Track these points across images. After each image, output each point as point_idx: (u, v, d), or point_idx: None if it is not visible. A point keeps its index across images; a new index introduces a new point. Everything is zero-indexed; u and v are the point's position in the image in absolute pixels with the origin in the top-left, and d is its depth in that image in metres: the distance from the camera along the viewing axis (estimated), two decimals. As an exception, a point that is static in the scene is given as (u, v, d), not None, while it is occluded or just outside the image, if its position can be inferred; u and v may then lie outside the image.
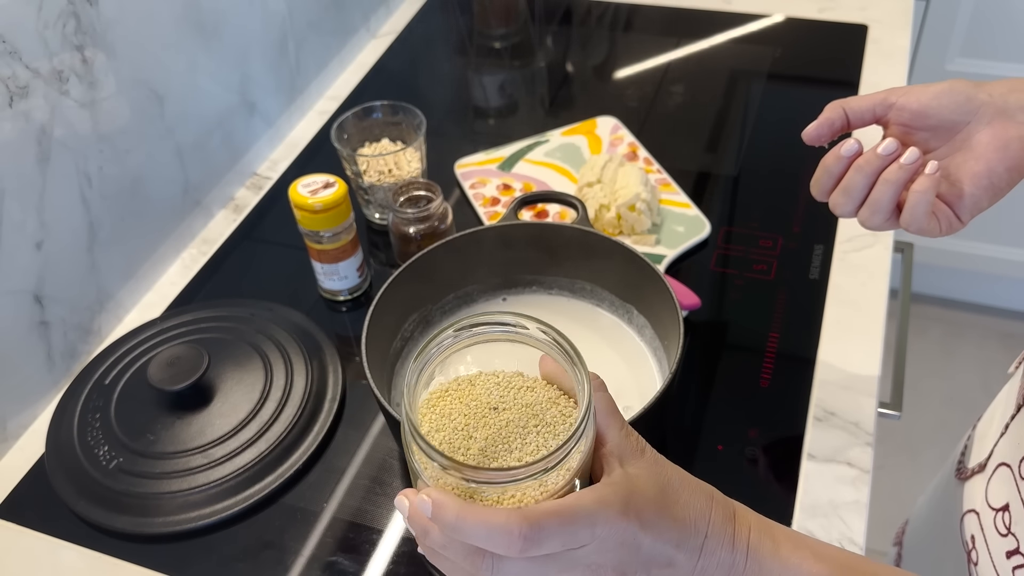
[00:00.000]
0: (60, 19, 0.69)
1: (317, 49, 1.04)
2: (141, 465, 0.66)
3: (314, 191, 0.73)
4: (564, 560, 0.37)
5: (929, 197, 0.52)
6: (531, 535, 0.35)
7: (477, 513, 0.36)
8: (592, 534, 0.36)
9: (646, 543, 0.37)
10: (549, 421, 0.41)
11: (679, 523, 0.39)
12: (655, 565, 0.38)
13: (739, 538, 0.40)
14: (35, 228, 0.70)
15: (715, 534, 0.39)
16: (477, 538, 0.36)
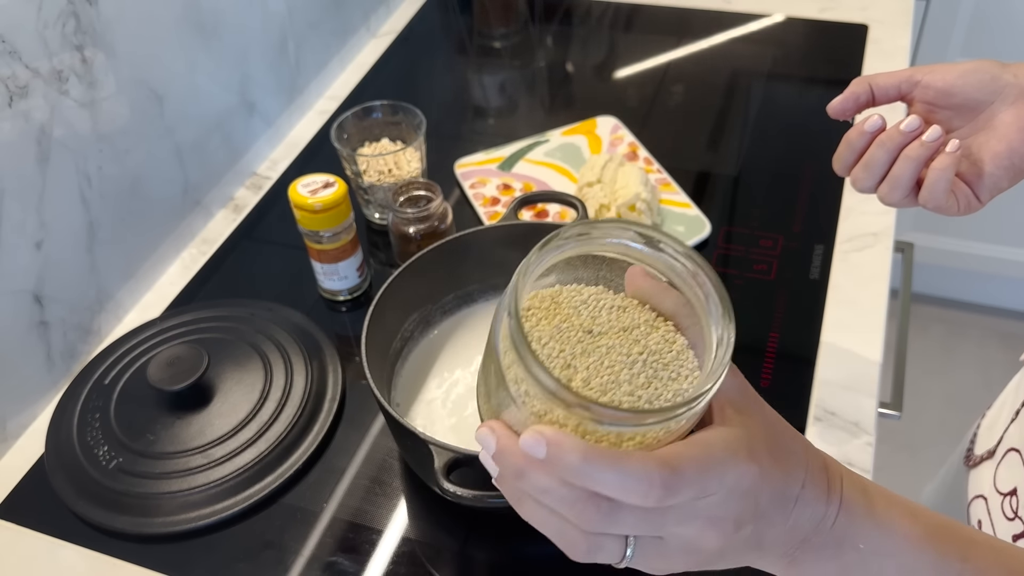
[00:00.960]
0: (60, 19, 0.68)
1: (317, 49, 1.04)
2: (141, 465, 0.66)
3: (314, 191, 0.73)
4: (683, 512, 0.33)
5: (949, 175, 0.52)
6: (671, 483, 0.31)
7: (608, 457, 0.31)
8: (721, 482, 0.33)
9: (765, 493, 0.35)
10: (654, 349, 0.36)
11: (785, 471, 0.36)
12: (764, 517, 0.35)
13: (832, 490, 0.37)
14: (35, 228, 0.70)
15: (811, 483, 0.36)
16: (606, 484, 0.31)
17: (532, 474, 0.33)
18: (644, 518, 0.33)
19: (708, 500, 0.33)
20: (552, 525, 0.34)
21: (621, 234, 0.37)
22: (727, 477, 0.33)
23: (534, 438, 0.32)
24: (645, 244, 0.37)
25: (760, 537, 0.35)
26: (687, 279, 0.37)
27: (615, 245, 0.37)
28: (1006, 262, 1.66)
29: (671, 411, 0.33)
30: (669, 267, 0.37)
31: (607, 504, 0.32)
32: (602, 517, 0.32)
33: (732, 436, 0.35)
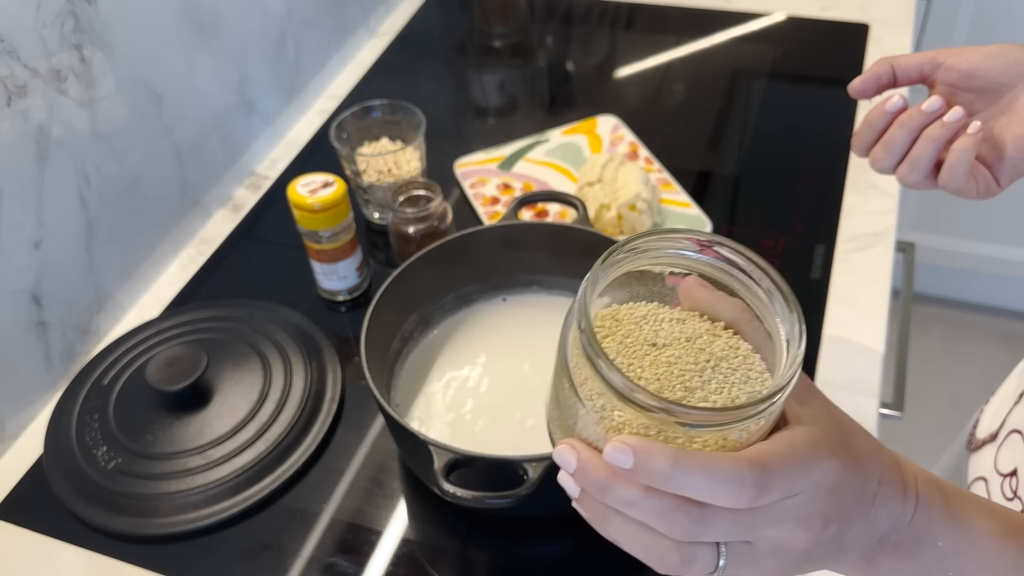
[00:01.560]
0: (58, 18, 0.68)
1: (316, 48, 1.04)
2: (140, 466, 0.66)
3: (313, 190, 0.73)
4: (773, 512, 0.33)
5: (969, 156, 0.51)
6: (763, 481, 0.31)
7: (698, 459, 0.31)
8: (808, 480, 0.33)
9: (846, 490, 0.34)
10: (721, 355, 0.36)
11: (862, 468, 0.35)
12: (846, 515, 0.34)
13: (908, 487, 0.36)
14: (33, 228, 0.70)
15: (887, 481, 0.36)
16: (698, 488, 0.31)
17: (618, 488, 0.32)
18: (736, 521, 0.32)
19: (796, 499, 0.33)
20: (641, 541, 0.33)
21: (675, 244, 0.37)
22: (813, 474, 0.33)
23: (619, 448, 0.31)
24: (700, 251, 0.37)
25: (842, 537, 0.35)
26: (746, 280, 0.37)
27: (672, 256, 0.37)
28: (1007, 262, 1.65)
29: (754, 407, 0.32)
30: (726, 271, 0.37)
31: (698, 510, 0.32)
32: (694, 524, 0.32)
33: (812, 433, 0.34)
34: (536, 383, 0.68)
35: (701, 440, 0.33)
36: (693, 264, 0.38)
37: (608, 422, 0.33)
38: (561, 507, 0.61)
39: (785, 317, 0.36)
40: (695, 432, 0.32)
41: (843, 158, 0.89)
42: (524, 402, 0.66)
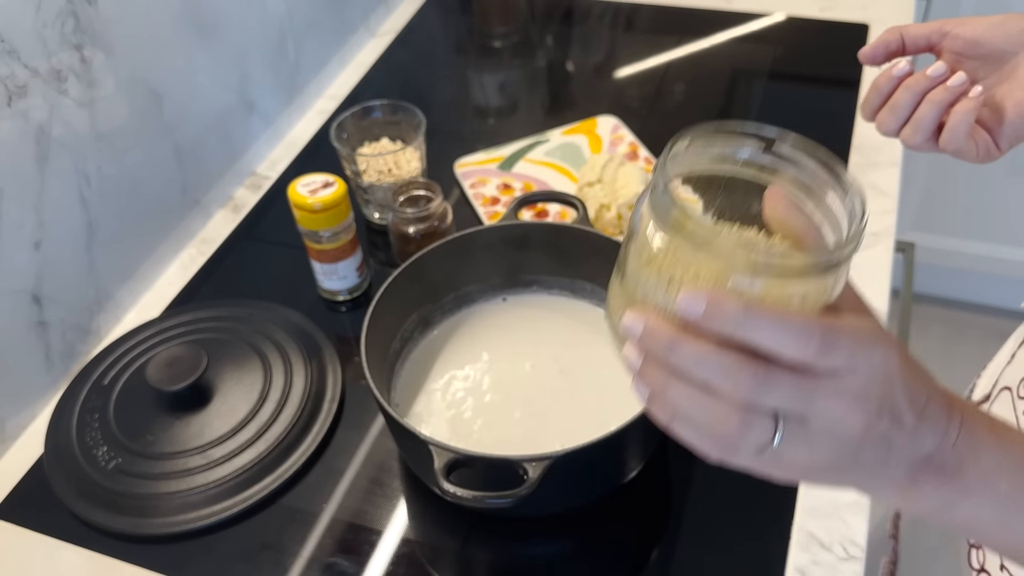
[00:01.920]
0: (59, 18, 0.68)
1: (316, 48, 1.04)
2: (140, 466, 0.66)
3: (313, 191, 0.73)
4: (831, 385, 0.33)
5: (970, 118, 0.54)
6: (829, 338, 0.32)
7: (768, 307, 0.32)
8: (868, 359, 0.33)
9: (899, 386, 0.35)
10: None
11: (915, 374, 0.36)
12: (897, 416, 0.35)
13: (954, 408, 0.37)
14: (33, 228, 0.70)
15: (934, 398, 0.36)
16: (766, 334, 0.32)
17: (685, 344, 0.33)
18: (797, 386, 0.33)
19: (855, 377, 0.33)
20: (699, 408, 0.33)
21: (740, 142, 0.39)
22: (875, 354, 0.33)
23: (691, 294, 0.32)
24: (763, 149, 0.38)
25: (891, 441, 0.35)
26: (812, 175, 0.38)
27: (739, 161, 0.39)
28: (1006, 262, 1.65)
29: (827, 257, 0.34)
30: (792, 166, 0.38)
31: (763, 368, 0.32)
32: (757, 382, 0.32)
33: (876, 323, 0.36)
34: (536, 383, 0.68)
35: (770, 297, 0.33)
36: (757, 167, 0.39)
37: (677, 284, 0.34)
38: (561, 507, 0.61)
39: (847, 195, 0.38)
40: (763, 283, 0.33)
41: (842, 158, 0.90)
42: (524, 402, 0.66)
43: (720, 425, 0.33)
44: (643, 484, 0.64)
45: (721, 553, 0.60)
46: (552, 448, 0.54)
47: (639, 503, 0.63)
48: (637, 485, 0.64)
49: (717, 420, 0.33)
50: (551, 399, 0.67)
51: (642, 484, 0.64)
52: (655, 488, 0.64)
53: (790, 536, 0.60)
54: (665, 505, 0.64)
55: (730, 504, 0.63)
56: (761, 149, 0.38)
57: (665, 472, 0.66)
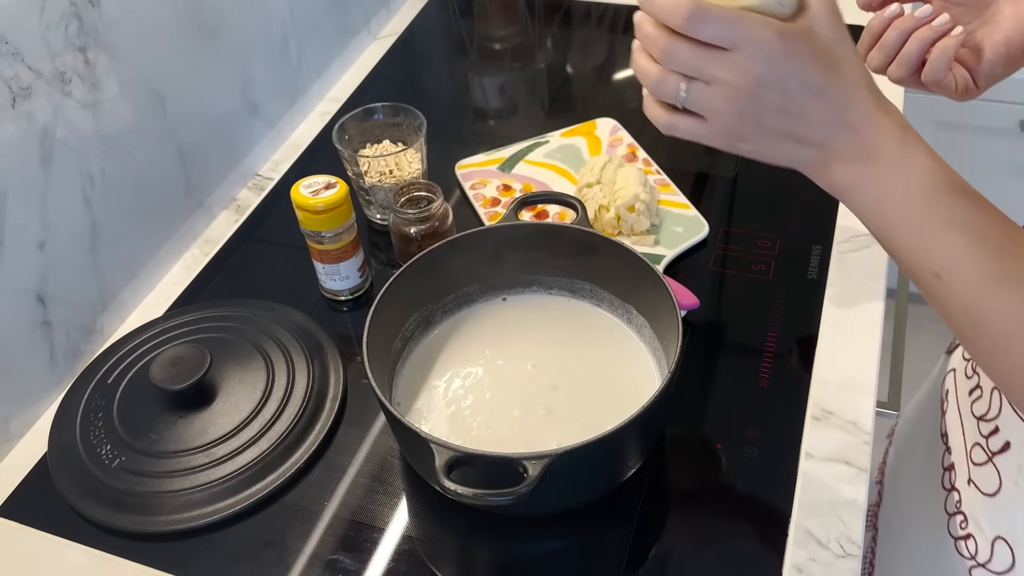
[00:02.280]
0: (62, 20, 0.69)
1: (318, 50, 1.04)
2: (143, 464, 0.67)
3: (315, 192, 0.74)
4: (721, 57, 0.44)
5: (949, 53, 0.60)
6: (697, 13, 0.43)
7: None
8: (744, 38, 0.44)
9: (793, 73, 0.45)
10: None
11: (824, 69, 0.46)
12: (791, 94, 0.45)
13: (888, 106, 0.47)
14: (38, 228, 0.71)
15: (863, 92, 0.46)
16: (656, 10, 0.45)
17: (641, 28, 0.47)
18: (693, 55, 0.45)
19: (737, 54, 0.44)
20: (643, 67, 0.47)
21: None
22: (756, 40, 0.44)
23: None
24: None
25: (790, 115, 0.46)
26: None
27: None
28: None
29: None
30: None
31: (672, 40, 0.45)
32: (664, 51, 0.46)
33: (773, 21, 0.44)
34: (536, 382, 0.68)
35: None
36: None
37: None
38: (561, 505, 0.62)
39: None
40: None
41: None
42: (524, 401, 0.67)
43: (649, 77, 0.47)
44: (642, 482, 0.65)
45: (719, 551, 0.61)
46: (552, 447, 0.54)
47: (638, 501, 0.64)
48: (636, 483, 0.65)
49: (650, 77, 0.47)
50: (551, 398, 0.67)
51: (641, 482, 0.65)
52: (654, 486, 0.65)
53: (787, 534, 0.61)
54: (664, 503, 0.64)
55: (728, 502, 0.64)
56: None
57: (663, 470, 0.66)
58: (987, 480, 0.61)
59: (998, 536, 0.61)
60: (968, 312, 0.45)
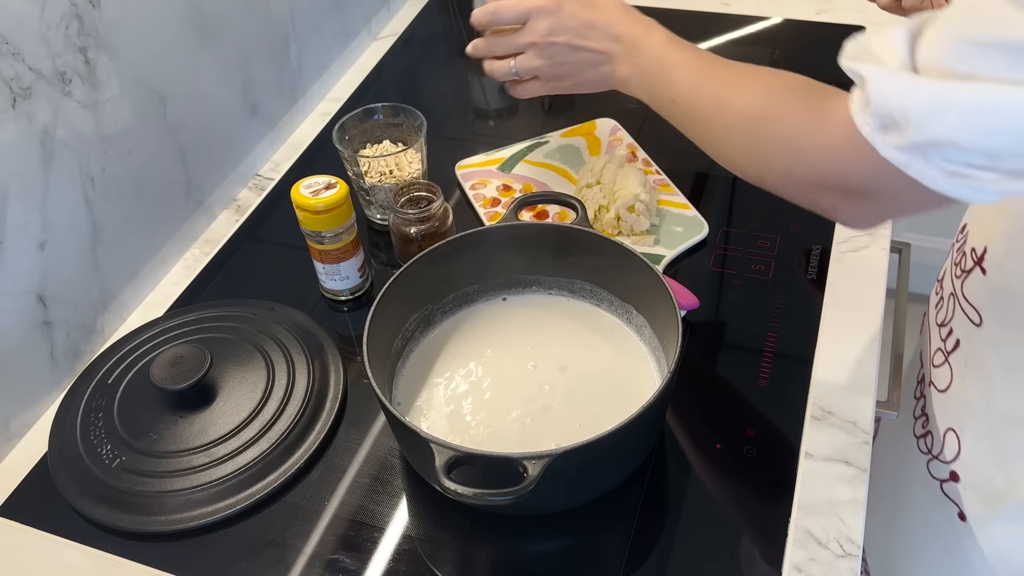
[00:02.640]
0: (63, 20, 0.69)
1: (318, 51, 1.05)
2: (144, 464, 0.67)
3: (316, 192, 0.74)
4: (525, 31, 0.72)
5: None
6: (492, 11, 0.73)
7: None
8: (528, 11, 0.71)
9: (567, 18, 0.70)
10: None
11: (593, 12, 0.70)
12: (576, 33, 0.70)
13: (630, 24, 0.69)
14: (38, 228, 0.71)
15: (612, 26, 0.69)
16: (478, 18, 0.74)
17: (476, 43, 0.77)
18: (505, 39, 0.74)
19: (528, 24, 0.72)
20: (488, 66, 0.77)
21: None
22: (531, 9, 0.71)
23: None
24: None
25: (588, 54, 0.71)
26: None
27: None
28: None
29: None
30: None
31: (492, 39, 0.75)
32: (491, 46, 0.75)
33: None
34: (536, 382, 0.69)
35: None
36: None
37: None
38: (561, 504, 0.62)
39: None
40: None
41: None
42: (524, 401, 0.67)
43: (494, 71, 0.76)
44: (641, 482, 0.65)
45: (718, 550, 0.61)
46: (551, 446, 0.55)
47: (638, 501, 0.64)
48: (636, 483, 0.65)
49: (493, 69, 0.76)
50: (551, 398, 0.67)
51: (640, 482, 0.65)
52: (653, 485, 0.65)
53: (787, 533, 0.61)
54: (663, 502, 0.64)
55: (728, 501, 0.64)
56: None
57: (663, 470, 0.66)
58: (942, 378, 0.70)
59: (949, 428, 0.68)
60: (692, 113, 0.64)
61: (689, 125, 0.65)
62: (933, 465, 0.71)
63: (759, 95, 0.59)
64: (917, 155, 0.46)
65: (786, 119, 0.56)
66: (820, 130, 0.52)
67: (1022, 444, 0.63)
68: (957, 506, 0.68)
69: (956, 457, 0.67)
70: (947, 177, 0.45)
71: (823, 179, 0.53)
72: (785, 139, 0.55)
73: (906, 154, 0.46)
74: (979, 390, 0.65)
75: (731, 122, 0.60)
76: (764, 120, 0.57)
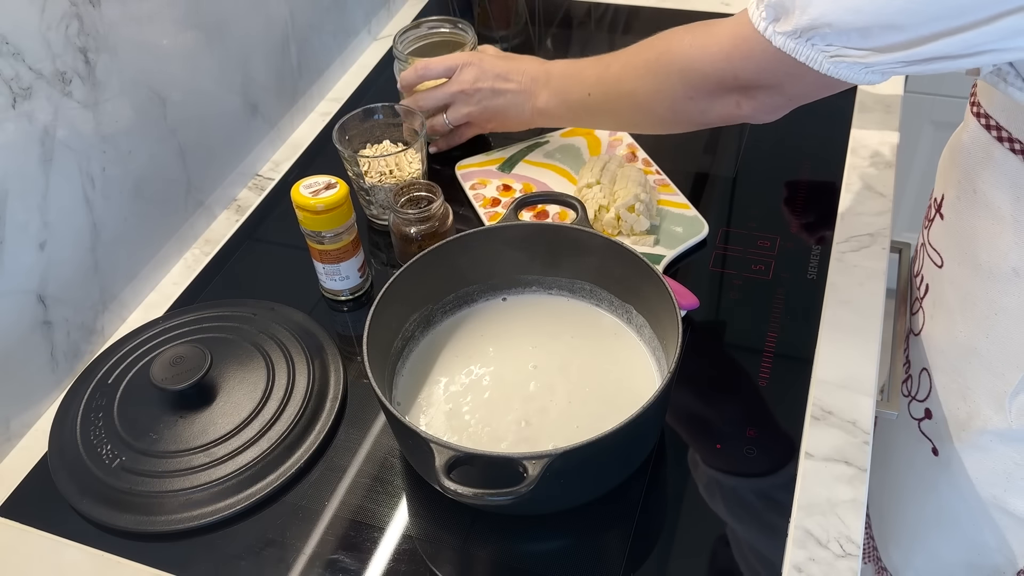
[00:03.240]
0: (63, 21, 0.69)
1: (318, 51, 1.05)
2: (144, 464, 0.67)
3: (316, 192, 0.74)
4: (453, 83, 0.85)
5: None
6: (420, 66, 0.86)
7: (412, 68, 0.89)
8: (452, 66, 0.85)
9: (488, 72, 0.84)
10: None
11: (508, 62, 0.84)
12: (496, 79, 0.84)
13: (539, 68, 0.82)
14: (38, 229, 0.71)
15: (523, 73, 0.83)
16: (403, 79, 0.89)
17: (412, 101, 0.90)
18: (438, 92, 0.87)
19: (459, 76, 0.85)
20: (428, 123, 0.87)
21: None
22: (455, 64, 0.85)
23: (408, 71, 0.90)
24: None
25: (505, 96, 0.83)
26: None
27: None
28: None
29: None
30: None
31: (423, 96, 0.88)
32: (423, 103, 0.88)
33: (465, 54, 0.87)
34: (536, 382, 0.69)
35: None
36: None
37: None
38: (561, 505, 0.62)
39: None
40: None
41: (839, 160, 0.90)
42: (524, 401, 0.67)
43: (433, 127, 0.90)
44: (641, 482, 0.65)
45: (718, 550, 0.61)
46: (551, 446, 0.55)
47: (638, 501, 0.64)
48: (636, 483, 0.65)
49: (433, 125, 0.89)
50: (551, 398, 0.67)
51: (640, 482, 0.65)
52: (653, 485, 0.65)
53: (787, 533, 0.61)
54: (663, 502, 0.64)
55: (728, 502, 0.64)
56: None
57: (663, 470, 0.66)
58: (917, 323, 0.77)
59: (923, 368, 0.75)
60: (606, 93, 0.74)
61: (608, 106, 0.74)
62: (912, 406, 0.77)
63: (653, 45, 0.70)
64: (803, 41, 0.54)
65: (677, 47, 0.66)
66: (710, 41, 0.63)
67: (978, 374, 0.69)
68: (931, 442, 0.75)
69: (928, 395, 0.74)
70: (830, 60, 0.53)
71: (721, 82, 0.63)
72: (682, 60, 0.66)
73: (794, 40, 0.54)
74: (943, 326, 0.72)
75: (636, 76, 0.70)
76: (661, 56, 0.68)
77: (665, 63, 0.68)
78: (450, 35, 0.98)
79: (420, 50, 0.98)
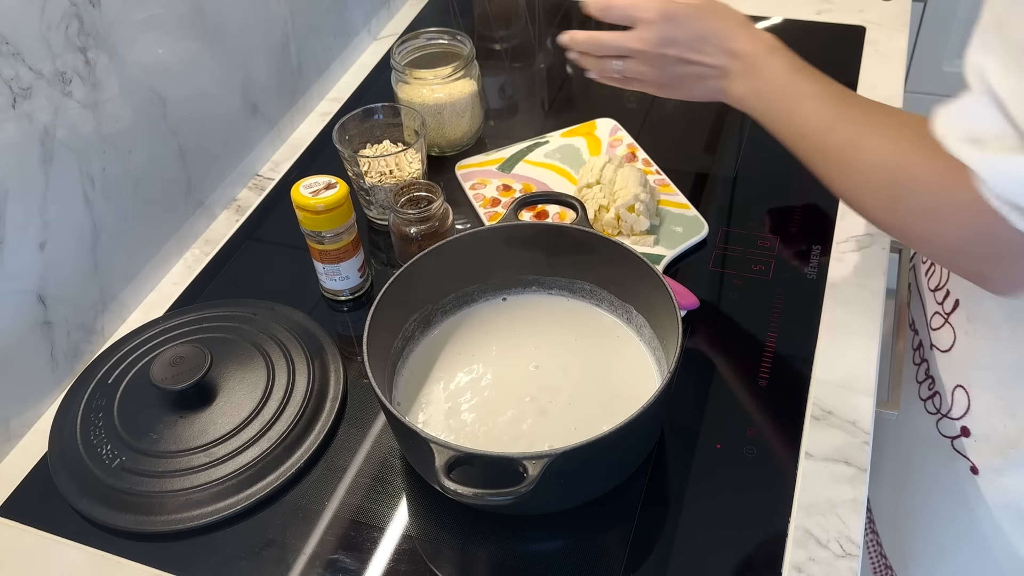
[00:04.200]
0: (63, 21, 0.69)
1: (318, 51, 1.05)
2: (144, 464, 0.67)
3: (316, 192, 0.74)
4: (633, 35, 0.70)
5: None
6: (605, 5, 0.71)
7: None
8: (635, 17, 0.70)
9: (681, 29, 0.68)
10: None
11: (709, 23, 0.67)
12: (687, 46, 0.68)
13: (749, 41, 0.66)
14: (38, 229, 0.71)
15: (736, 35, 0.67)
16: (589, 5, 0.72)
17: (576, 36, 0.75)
18: (616, 41, 0.71)
19: (641, 30, 0.69)
20: (588, 62, 0.75)
21: None
22: (639, 16, 0.69)
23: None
24: None
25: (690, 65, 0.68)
26: None
27: None
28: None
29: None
30: None
31: (600, 39, 0.73)
32: (599, 45, 0.73)
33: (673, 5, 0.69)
34: (536, 382, 0.69)
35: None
36: None
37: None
38: (561, 505, 0.62)
39: None
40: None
41: (840, 160, 0.90)
42: (524, 401, 0.67)
43: (598, 66, 0.74)
44: (641, 482, 0.65)
45: (718, 550, 0.61)
46: (551, 446, 0.55)
47: (638, 501, 0.64)
48: (636, 483, 0.65)
49: (598, 65, 0.74)
50: (551, 398, 0.67)
51: (640, 482, 0.65)
52: (653, 485, 0.65)
53: (787, 533, 0.61)
54: (663, 502, 0.64)
55: (727, 502, 0.64)
56: None
57: (663, 470, 0.66)
58: (944, 339, 0.72)
59: (957, 385, 0.70)
60: (823, 154, 0.61)
61: (817, 163, 0.62)
62: (943, 423, 0.72)
63: (893, 146, 0.55)
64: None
65: (922, 182, 0.53)
66: (953, 197, 0.50)
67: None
68: (968, 460, 0.70)
69: (966, 412, 0.69)
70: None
71: (964, 245, 0.52)
72: (924, 206, 0.53)
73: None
74: (985, 343, 0.67)
75: (867, 175, 0.57)
76: (901, 177, 0.54)
77: (905, 192, 0.54)
78: (448, 46, 0.96)
79: (418, 60, 0.96)
